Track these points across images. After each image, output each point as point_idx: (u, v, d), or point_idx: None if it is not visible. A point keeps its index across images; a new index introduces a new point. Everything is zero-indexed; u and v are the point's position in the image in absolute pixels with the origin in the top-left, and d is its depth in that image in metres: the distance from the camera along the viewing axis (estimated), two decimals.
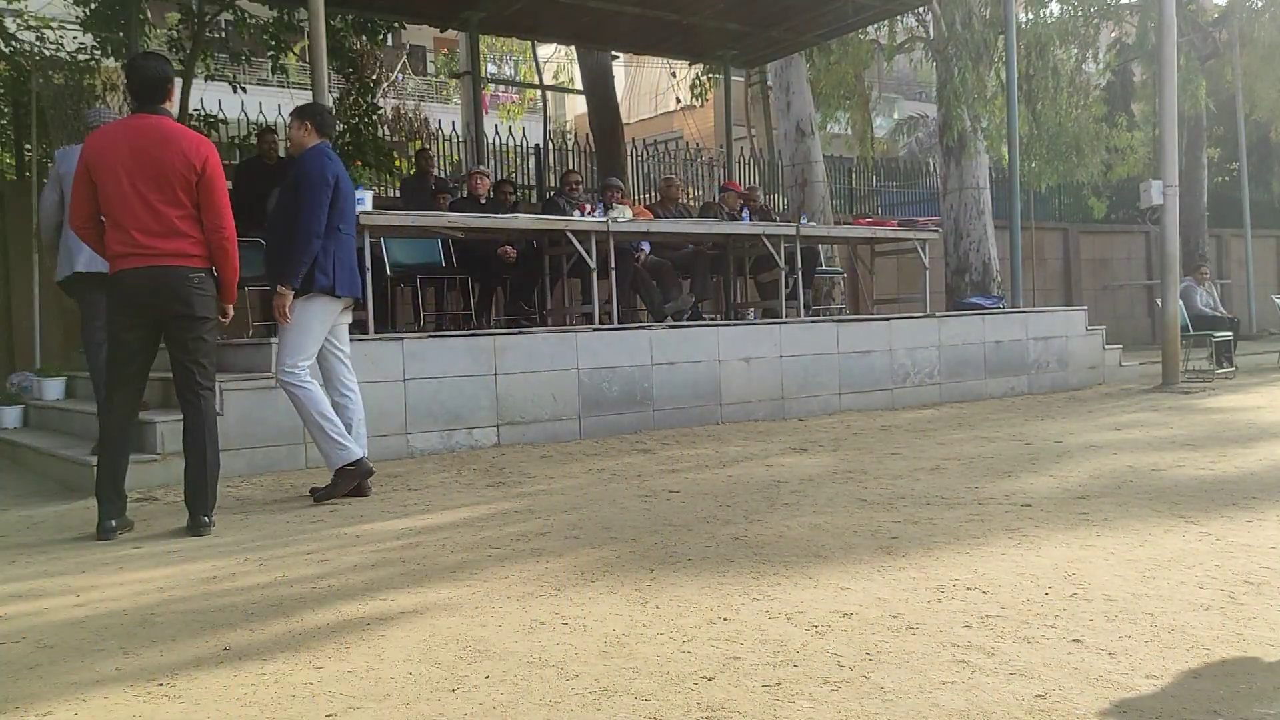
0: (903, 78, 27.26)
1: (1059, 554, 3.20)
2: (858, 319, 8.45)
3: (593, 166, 13.44)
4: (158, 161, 3.89)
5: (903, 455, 5.54)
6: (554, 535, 3.77)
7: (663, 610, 2.73)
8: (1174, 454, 5.29)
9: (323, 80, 6.04)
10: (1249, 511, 3.76)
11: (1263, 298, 17.83)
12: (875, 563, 3.17)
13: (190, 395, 4.08)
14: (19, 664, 2.48)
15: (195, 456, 4.07)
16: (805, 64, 12.71)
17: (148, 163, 3.89)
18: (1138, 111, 19.57)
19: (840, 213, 15.03)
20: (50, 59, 9.50)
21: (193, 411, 4.08)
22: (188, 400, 4.08)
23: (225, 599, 3.02)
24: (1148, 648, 2.31)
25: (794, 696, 2.08)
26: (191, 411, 4.08)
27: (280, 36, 11.43)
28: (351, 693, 2.19)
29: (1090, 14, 16.32)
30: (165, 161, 3.89)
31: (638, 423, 6.89)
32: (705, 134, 23.32)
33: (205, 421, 4.07)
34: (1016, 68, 10.40)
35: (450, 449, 6.10)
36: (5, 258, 9.09)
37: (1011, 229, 10.06)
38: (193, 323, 4.03)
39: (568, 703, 2.09)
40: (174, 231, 3.93)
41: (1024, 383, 9.17)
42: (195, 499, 4.06)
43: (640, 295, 8.49)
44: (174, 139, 3.95)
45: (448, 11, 10.08)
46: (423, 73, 26.32)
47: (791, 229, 8.40)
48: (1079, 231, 17.40)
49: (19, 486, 5.48)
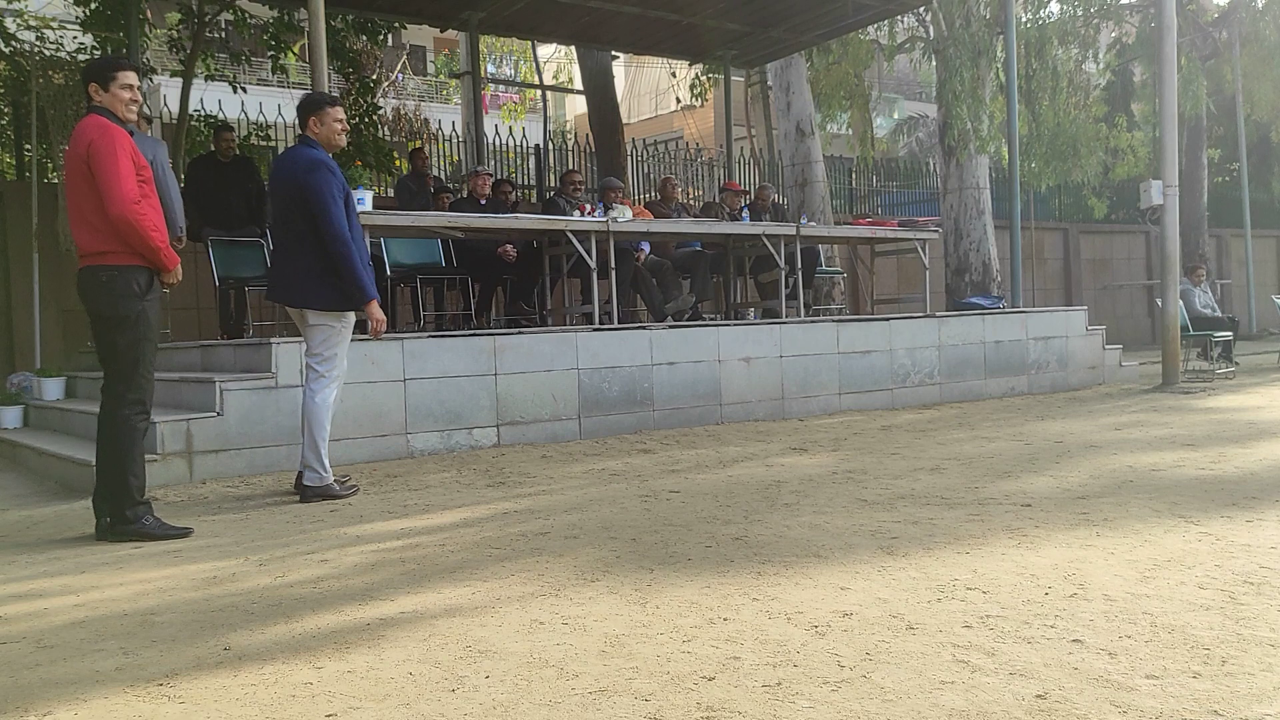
0: (903, 78, 27.26)
1: (1059, 554, 3.20)
2: (858, 319, 8.45)
3: (593, 166, 13.44)
4: (70, 157, 3.90)
5: (903, 455, 5.54)
6: (554, 535, 3.77)
7: (663, 610, 2.73)
8: (1174, 454, 5.29)
9: (323, 80, 6.04)
10: (1249, 511, 3.76)
11: (1263, 298, 17.85)
12: (875, 563, 3.17)
13: (102, 395, 4.03)
14: (19, 664, 2.48)
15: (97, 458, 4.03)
16: (805, 64, 12.71)
17: (69, 159, 3.90)
18: (1138, 111, 19.59)
19: (840, 213, 15.04)
20: (50, 59, 9.49)
21: (100, 410, 4.02)
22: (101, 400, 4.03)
23: (225, 599, 3.02)
24: (1148, 648, 2.31)
25: (794, 696, 2.08)
26: (100, 410, 4.03)
27: (280, 36, 11.44)
28: (351, 693, 2.19)
29: (1090, 14, 16.32)
30: (73, 155, 3.88)
31: (638, 423, 6.89)
32: (705, 134, 23.33)
33: (101, 425, 3.99)
34: (1016, 68, 10.40)
35: (450, 449, 6.10)
36: (5, 258, 9.09)
37: (1011, 229, 10.06)
38: (99, 323, 3.97)
39: (568, 703, 2.09)
40: (89, 226, 3.88)
41: (1024, 383, 9.17)
42: (94, 502, 4.02)
43: (640, 295, 8.49)
44: (77, 130, 3.91)
45: (448, 11, 10.08)
46: (423, 73, 26.31)
47: (791, 229, 8.40)
48: (1079, 231, 17.41)
49: (19, 486, 5.48)
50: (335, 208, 4.50)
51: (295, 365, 5.57)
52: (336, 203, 4.51)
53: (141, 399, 3.99)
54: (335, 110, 4.69)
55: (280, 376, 5.52)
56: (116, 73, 3.96)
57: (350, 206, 4.65)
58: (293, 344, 5.61)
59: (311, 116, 4.66)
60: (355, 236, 4.64)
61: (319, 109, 4.66)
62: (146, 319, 3.96)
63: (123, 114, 3.97)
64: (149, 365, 4.00)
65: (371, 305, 4.60)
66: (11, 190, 9.25)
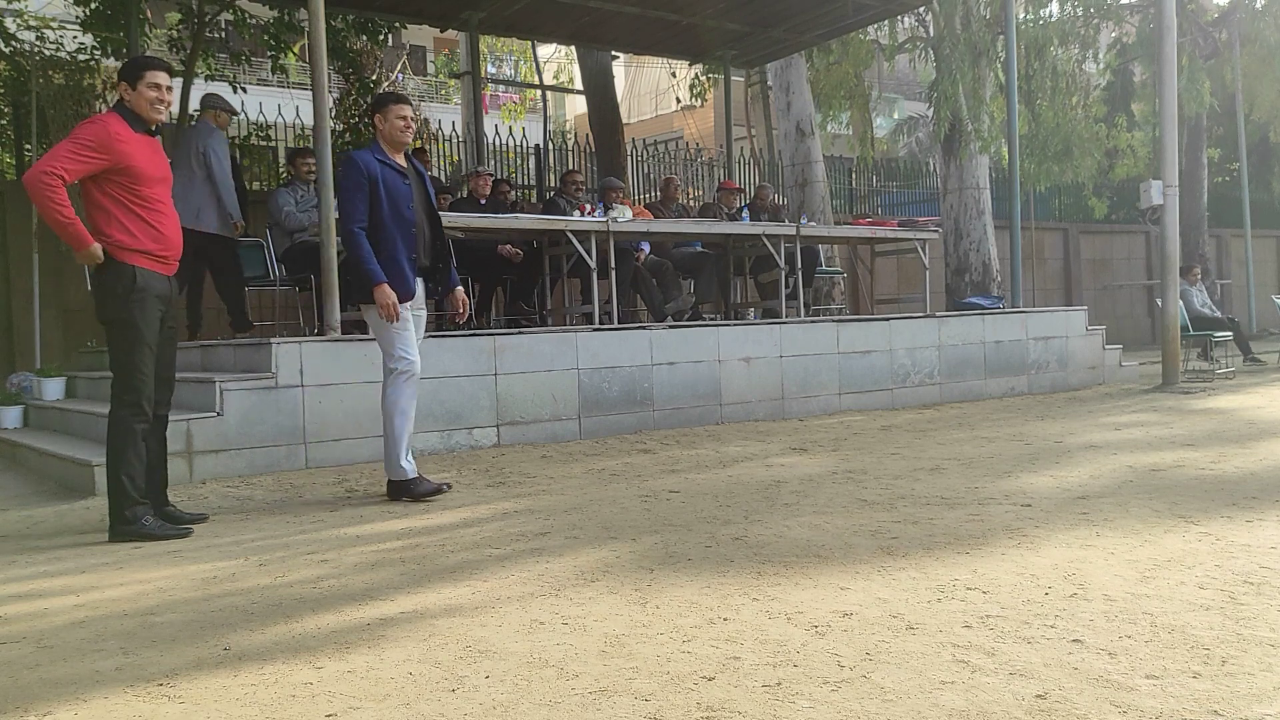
0: (903, 78, 27.24)
1: (1059, 554, 3.20)
2: (858, 319, 8.45)
3: (593, 166, 13.43)
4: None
5: (903, 455, 5.54)
6: (554, 535, 3.77)
7: (663, 610, 2.73)
8: (1174, 454, 5.29)
9: (323, 80, 6.03)
10: (1249, 511, 3.76)
11: (1263, 298, 17.84)
12: (875, 563, 3.17)
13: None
14: (19, 664, 2.48)
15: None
16: (805, 64, 12.70)
17: None
18: (1138, 111, 19.57)
19: (840, 213, 15.04)
20: (50, 59, 9.51)
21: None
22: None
23: (225, 599, 3.02)
24: (1148, 648, 2.31)
25: (794, 696, 2.08)
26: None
27: (280, 36, 11.44)
28: (351, 693, 2.19)
29: (1090, 14, 16.31)
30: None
31: (638, 423, 6.89)
32: (705, 134, 23.33)
33: (107, 428, 4.03)
34: (1016, 67, 10.40)
35: (450, 449, 6.10)
36: (5, 258, 9.09)
37: (1011, 229, 10.06)
38: (101, 323, 4.05)
39: (568, 703, 2.09)
40: (92, 227, 3.92)
41: (1024, 383, 9.17)
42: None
43: (640, 295, 8.49)
44: None
45: (448, 11, 10.08)
46: (423, 73, 26.32)
47: (791, 229, 8.40)
48: (1079, 231, 17.41)
49: (19, 486, 5.48)
50: (348, 204, 4.49)
51: (295, 365, 5.57)
52: (350, 198, 4.49)
53: (136, 400, 3.98)
54: (398, 108, 4.64)
55: (280, 377, 5.52)
56: (145, 72, 3.98)
57: (393, 192, 4.55)
58: (292, 344, 5.62)
59: (376, 114, 4.68)
60: (396, 224, 4.54)
61: (382, 106, 4.68)
62: (135, 321, 3.95)
63: (147, 114, 3.98)
64: (142, 367, 3.98)
65: (377, 290, 4.45)
66: (12, 190, 9.25)
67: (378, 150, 4.63)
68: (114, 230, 3.89)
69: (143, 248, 3.95)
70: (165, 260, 4.05)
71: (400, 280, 4.54)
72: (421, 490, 4.62)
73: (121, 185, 3.90)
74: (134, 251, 3.92)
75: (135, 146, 3.93)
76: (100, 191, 3.89)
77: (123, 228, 3.91)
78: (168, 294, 4.09)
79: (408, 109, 4.69)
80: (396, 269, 4.54)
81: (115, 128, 3.89)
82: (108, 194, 3.89)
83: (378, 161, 4.56)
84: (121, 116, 3.95)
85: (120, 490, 3.95)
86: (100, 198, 3.90)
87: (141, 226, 3.95)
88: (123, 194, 3.91)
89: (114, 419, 3.99)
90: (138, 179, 3.92)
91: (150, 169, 3.98)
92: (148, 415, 4.03)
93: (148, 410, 4.03)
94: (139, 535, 3.93)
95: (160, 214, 4.02)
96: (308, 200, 7.38)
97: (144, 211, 3.96)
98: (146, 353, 4.00)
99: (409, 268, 4.60)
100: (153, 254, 3.99)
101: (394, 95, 4.82)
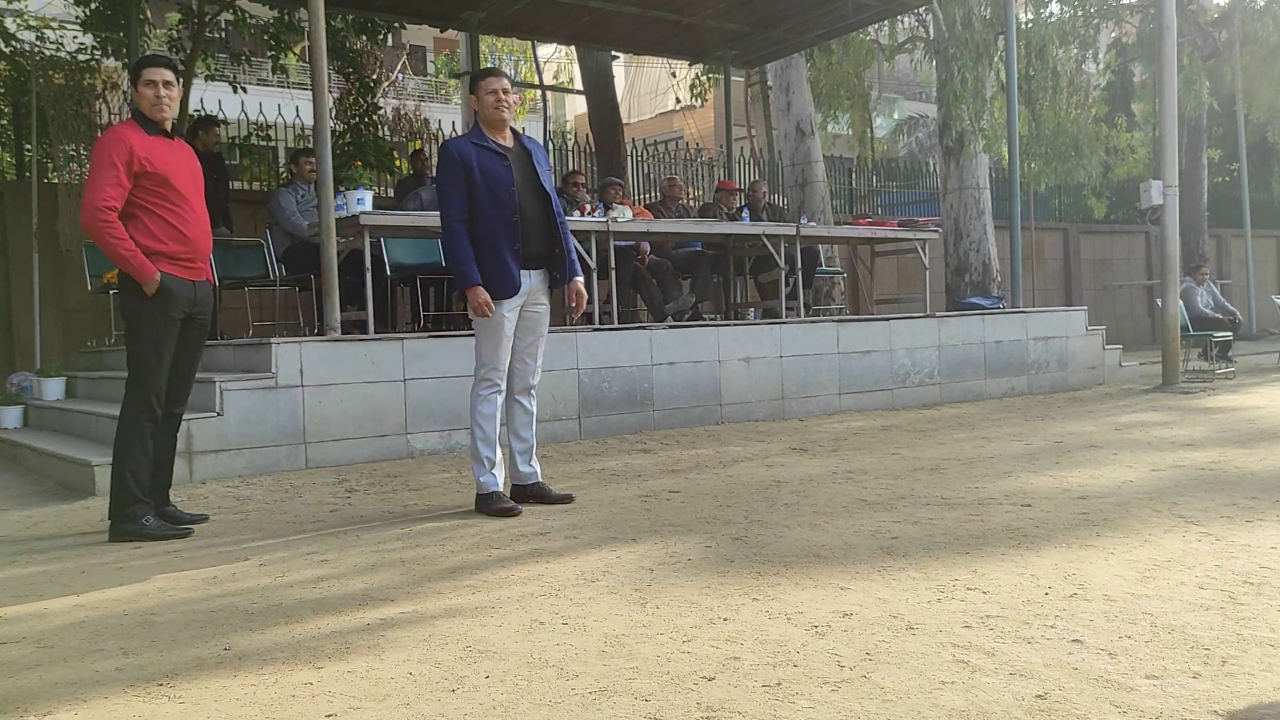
0: (903, 78, 27.24)
1: (1059, 554, 3.20)
2: (858, 319, 8.45)
3: (593, 166, 13.43)
4: None
5: (903, 455, 5.54)
6: (554, 535, 3.77)
7: (663, 610, 2.73)
8: (1174, 454, 5.29)
9: (323, 80, 6.03)
10: (1249, 511, 3.76)
11: (1263, 298, 17.84)
12: (875, 563, 3.17)
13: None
14: (19, 664, 2.48)
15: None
16: (805, 64, 12.70)
17: None
18: (1138, 111, 19.58)
19: (840, 213, 15.03)
20: (50, 59, 9.49)
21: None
22: None
23: (225, 599, 3.02)
24: (1148, 648, 2.31)
25: (794, 696, 2.08)
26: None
27: (280, 36, 11.44)
28: (351, 693, 2.19)
29: (1090, 14, 16.32)
30: None
31: (638, 423, 6.89)
32: (705, 134, 23.31)
33: (117, 424, 4.05)
34: (1016, 68, 10.40)
35: (451, 449, 6.10)
36: (5, 258, 9.08)
37: (1011, 229, 10.06)
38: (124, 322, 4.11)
39: (568, 703, 2.09)
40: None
41: (1024, 383, 9.17)
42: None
43: (640, 295, 8.49)
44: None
45: (448, 11, 10.07)
46: (423, 73, 26.31)
47: (791, 229, 8.40)
48: (1079, 231, 17.41)
49: (19, 486, 5.48)
50: (443, 197, 4.22)
51: (295, 365, 5.57)
52: (445, 191, 4.21)
53: (145, 396, 3.99)
54: (487, 82, 4.28)
55: (280, 377, 5.52)
56: (141, 70, 3.99)
57: (489, 177, 4.18)
58: (292, 344, 5.62)
59: (472, 94, 4.38)
60: (494, 211, 4.17)
61: (475, 85, 4.34)
62: (148, 321, 3.96)
63: (150, 113, 3.97)
64: (151, 366, 3.99)
65: (470, 291, 4.14)
66: (11, 190, 9.25)
67: (475, 133, 4.28)
68: (137, 233, 3.91)
69: (165, 251, 3.95)
70: (188, 264, 4.04)
71: (499, 275, 4.17)
72: (491, 508, 4.24)
73: (143, 188, 3.91)
74: (155, 255, 3.93)
75: (153, 150, 3.93)
76: (131, 200, 3.92)
77: (146, 230, 3.92)
78: (191, 297, 4.07)
79: (497, 81, 4.27)
80: (497, 262, 4.17)
81: (130, 136, 3.90)
82: (131, 198, 3.90)
83: (473, 145, 4.21)
84: (135, 122, 3.98)
85: (123, 486, 3.96)
86: (131, 206, 3.92)
87: (165, 229, 3.95)
88: (146, 197, 3.92)
89: (124, 416, 4.02)
90: (159, 181, 3.93)
91: (170, 170, 3.96)
92: (156, 414, 4.04)
93: (156, 409, 4.04)
94: (139, 535, 3.93)
95: (184, 217, 4.01)
96: (308, 200, 7.38)
97: (167, 214, 3.96)
98: (159, 353, 4.01)
99: (512, 260, 4.19)
100: (175, 257, 3.98)
101: (485, 70, 4.51)
